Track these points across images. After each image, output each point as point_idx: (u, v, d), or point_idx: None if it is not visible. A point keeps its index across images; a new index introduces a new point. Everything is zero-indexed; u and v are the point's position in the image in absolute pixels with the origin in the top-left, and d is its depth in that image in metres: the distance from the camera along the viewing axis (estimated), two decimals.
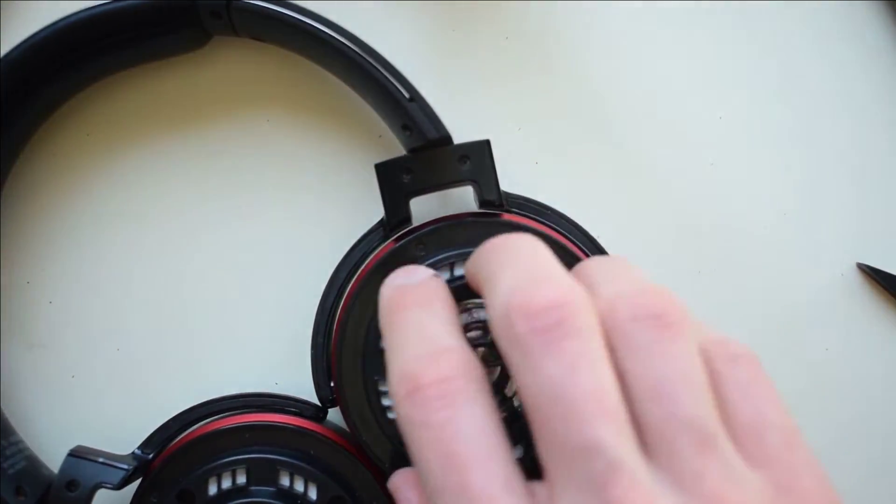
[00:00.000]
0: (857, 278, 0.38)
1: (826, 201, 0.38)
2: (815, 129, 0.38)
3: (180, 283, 0.37)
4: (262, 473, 0.33)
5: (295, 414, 0.34)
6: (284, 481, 0.33)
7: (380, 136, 0.37)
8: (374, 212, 0.35)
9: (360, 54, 0.32)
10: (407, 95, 0.32)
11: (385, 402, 0.33)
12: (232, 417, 0.34)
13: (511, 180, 0.37)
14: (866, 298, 0.38)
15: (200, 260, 0.37)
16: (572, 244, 0.34)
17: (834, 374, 0.38)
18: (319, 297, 0.34)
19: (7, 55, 0.33)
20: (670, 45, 0.38)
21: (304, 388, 0.36)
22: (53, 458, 0.35)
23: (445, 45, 0.37)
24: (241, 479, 0.33)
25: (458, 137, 0.33)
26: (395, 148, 0.35)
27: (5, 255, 0.37)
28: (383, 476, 0.34)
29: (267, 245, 0.37)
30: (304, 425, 0.33)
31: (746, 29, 0.38)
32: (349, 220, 0.37)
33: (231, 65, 0.37)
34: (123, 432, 0.36)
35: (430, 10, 0.37)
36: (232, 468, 0.33)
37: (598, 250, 0.35)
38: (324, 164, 0.37)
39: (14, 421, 0.36)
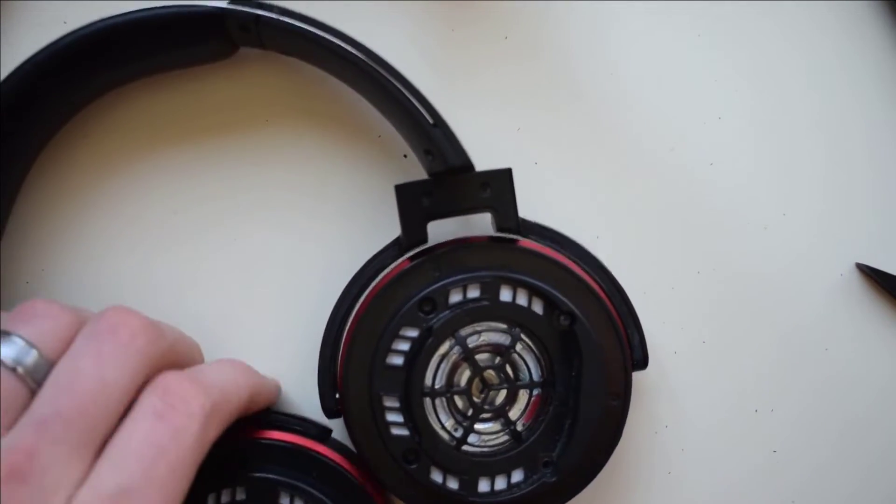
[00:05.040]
0: (857, 278, 0.38)
1: (826, 201, 0.38)
2: (814, 129, 0.38)
3: (186, 286, 0.36)
4: (263, 493, 0.32)
5: (298, 433, 0.34)
6: (284, 502, 0.32)
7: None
8: (391, 226, 0.35)
9: (386, 77, 0.32)
10: (431, 121, 0.32)
11: (390, 417, 0.33)
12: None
13: None
14: (866, 298, 0.38)
15: (209, 263, 0.37)
16: (586, 274, 0.34)
17: (833, 374, 0.38)
18: (330, 310, 0.34)
19: (35, 56, 0.32)
20: (670, 45, 0.38)
21: (309, 396, 0.36)
22: None
23: (445, 45, 0.37)
24: (241, 497, 0.32)
25: (458, 137, 0.32)
26: (421, 169, 0.35)
27: (5, 256, 0.36)
28: (386, 499, 0.35)
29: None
30: (308, 445, 0.33)
31: (746, 29, 0.38)
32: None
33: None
34: None
35: (431, 11, 0.37)
36: (232, 486, 0.32)
37: (611, 281, 0.35)
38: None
39: None
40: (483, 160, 0.33)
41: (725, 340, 0.38)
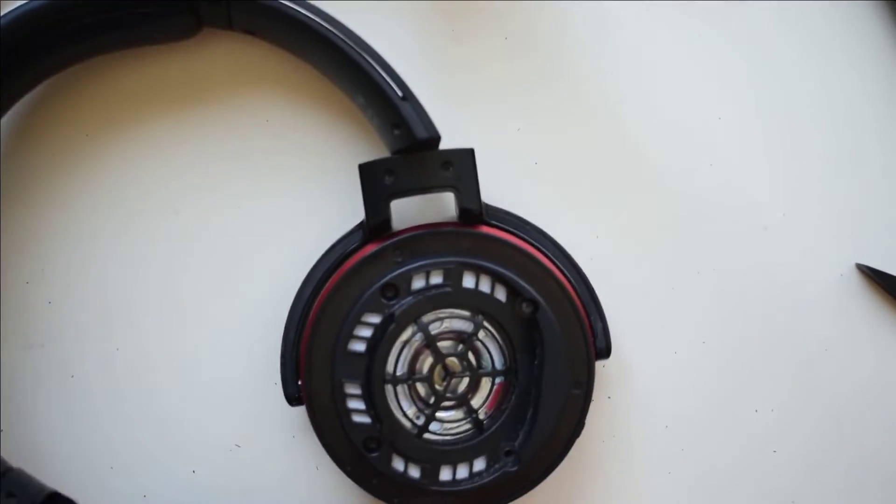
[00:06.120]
0: (857, 278, 0.38)
1: (825, 201, 0.38)
2: (814, 129, 0.38)
3: (174, 281, 0.37)
4: None
5: None
6: None
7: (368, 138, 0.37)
8: (358, 211, 0.35)
9: (356, 49, 0.32)
10: (400, 94, 0.32)
11: (351, 405, 0.33)
12: None
13: (510, 180, 0.37)
14: (865, 299, 0.38)
15: (193, 256, 0.37)
16: (548, 260, 0.34)
17: (833, 373, 0.37)
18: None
19: None
20: (670, 46, 0.38)
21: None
22: (51, 459, 0.36)
23: (445, 45, 0.38)
24: None
25: (458, 138, 0.33)
26: (384, 149, 0.36)
27: (5, 255, 0.37)
28: None
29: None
30: None
31: (746, 30, 0.38)
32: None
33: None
34: (122, 433, 0.36)
35: (431, 11, 0.37)
36: None
37: (573, 267, 0.35)
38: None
39: (13, 421, 0.36)
40: (483, 160, 0.34)
41: (725, 340, 0.37)
